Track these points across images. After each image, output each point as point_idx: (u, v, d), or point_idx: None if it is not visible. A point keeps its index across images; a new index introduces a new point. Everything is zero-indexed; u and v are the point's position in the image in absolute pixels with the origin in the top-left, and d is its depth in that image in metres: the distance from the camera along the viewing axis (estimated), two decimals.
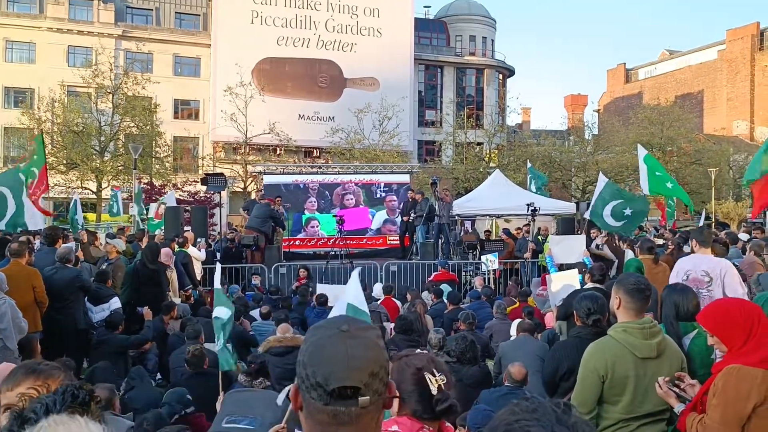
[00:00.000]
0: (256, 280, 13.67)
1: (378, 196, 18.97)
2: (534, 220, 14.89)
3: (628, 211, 12.08)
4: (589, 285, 6.44)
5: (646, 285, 3.68)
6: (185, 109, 43.74)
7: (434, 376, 2.18)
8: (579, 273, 7.74)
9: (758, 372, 2.97)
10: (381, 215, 18.92)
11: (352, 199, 18.85)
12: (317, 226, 18.73)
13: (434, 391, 2.16)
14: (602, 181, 12.91)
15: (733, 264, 6.51)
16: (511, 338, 7.58)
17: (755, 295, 5.83)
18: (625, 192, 13.72)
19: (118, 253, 10.66)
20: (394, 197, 18.83)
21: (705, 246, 6.16)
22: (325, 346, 1.45)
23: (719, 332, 3.13)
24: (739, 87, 58.80)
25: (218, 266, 5.90)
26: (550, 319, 7.90)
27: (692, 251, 6.37)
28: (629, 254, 10.54)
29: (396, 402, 2.49)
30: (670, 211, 19.50)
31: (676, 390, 3.30)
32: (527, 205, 15.30)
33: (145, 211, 18.70)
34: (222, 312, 5.44)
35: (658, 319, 4.10)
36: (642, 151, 13.73)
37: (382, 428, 1.55)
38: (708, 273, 5.85)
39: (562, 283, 8.07)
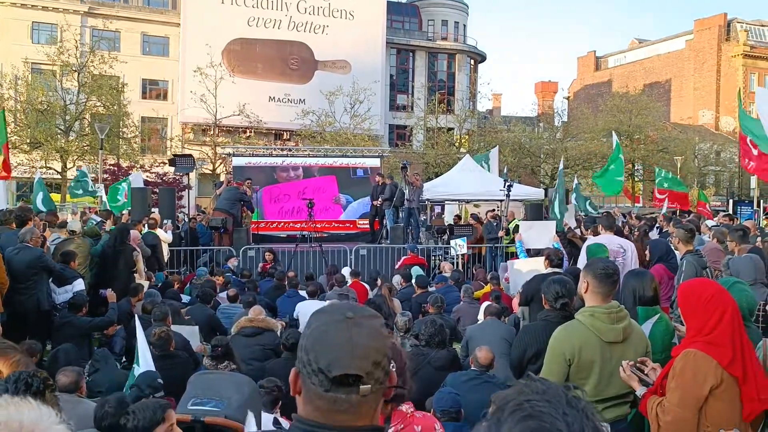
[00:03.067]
0: (232, 263, 13.46)
1: (355, 176, 18.71)
2: (508, 196, 15.03)
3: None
4: (549, 270, 6.50)
5: (614, 270, 3.72)
6: (153, 89, 43.02)
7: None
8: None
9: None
10: (361, 204, 18.65)
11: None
12: None
13: None
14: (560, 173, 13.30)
15: (697, 250, 6.70)
16: (479, 322, 7.63)
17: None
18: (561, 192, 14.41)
19: (67, 233, 10.36)
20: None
21: (610, 230, 7.46)
22: (329, 332, 1.43)
23: (685, 312, 3.18)
24: (706, 77, 59.70)
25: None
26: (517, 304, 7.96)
27: (598, 234, 7.65)
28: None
29: None
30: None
31: (639, 374, 3.35)
32: (504, 180, 15.37)
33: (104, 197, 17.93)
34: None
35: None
36: (615, 139, 14.11)
37: (379, 418, 1.54)
38: (621, 246, 7.05)
39: (525, 270, 8.15)
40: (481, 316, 7.79)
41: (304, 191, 18.00)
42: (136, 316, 5.96)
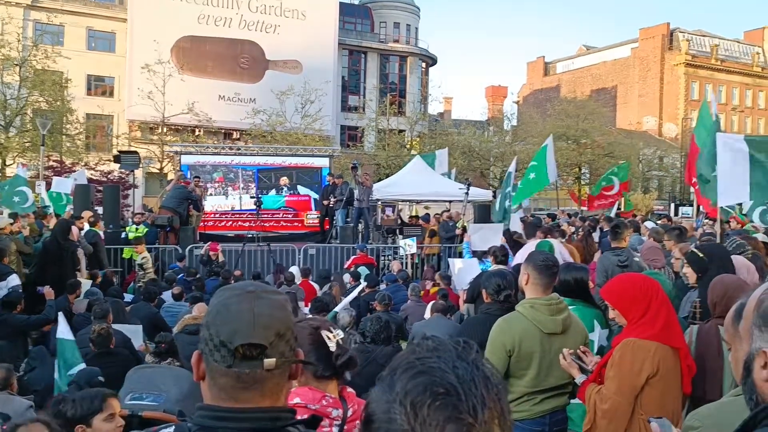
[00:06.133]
0: (180, 264, 13.16)
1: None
2: (467, 194, 15.23)
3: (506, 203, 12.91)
4: (494, 267, 6.58)
5: (554, 262, 3.78)
6: (99, 86, 41.99)
7: (331, 332, 2.17)
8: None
9: (652, 345, 3.11)
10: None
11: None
12: None
13: (333, 347, 2.15)
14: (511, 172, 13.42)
15: (635, 249, 6.92)
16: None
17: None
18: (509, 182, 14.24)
19: None
20: None
21: (532, 236, 8.28)
22: (231, 305, 1.40)
23: (619, 306, 3.26)
24: (650, 84, 61.36)
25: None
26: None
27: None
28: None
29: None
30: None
31: (579, 362, 3.41)
32: (465, 179, 15.49)
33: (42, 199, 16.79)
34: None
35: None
36: (550, 143, 14.16)
37: (287, 398, 1.51)
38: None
39: (465, 268, 8.26)
40: (428, 314, 7.85)
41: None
42: (60, 316, 5.80)
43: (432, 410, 0.98)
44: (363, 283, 8.95)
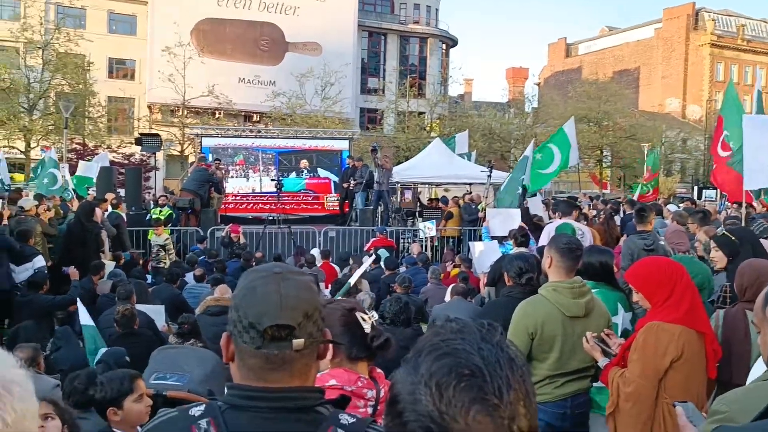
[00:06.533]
0: (201, 246, 13.25)
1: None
2: (490, 177, 15.16)
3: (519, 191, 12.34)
4: (515, 250, 6.56)
5: (577, 245, 3.76)
6: (120, 69, 42.18)
7: (366, 314, 2.18)
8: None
9: (676, 328, 3.08)
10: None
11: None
12: None
13: (368, 329, 2.17)
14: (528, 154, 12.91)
15: (657, 233, 6.86)
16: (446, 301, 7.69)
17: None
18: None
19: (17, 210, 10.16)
20: None
21: (568, 215, 7.71)
22: (258, 287, 1.42)
23: (644, 289, 3.23)
24: (674, 65, 60.41)
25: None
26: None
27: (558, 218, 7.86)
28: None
29: (330, 351, 2.49)
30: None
31: (602, 345, 3.40)
32: (487, 161, 15.41)
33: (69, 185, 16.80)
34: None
35: None
36: (570, 126, 13.81)
37: (316, 379, 1.53)
38: (580, 229, 7.33)
39: (485, 252, 8.24)
40: (448, 297, 7.85)
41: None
42: (79, 303, 5.87)
43: (457, 391, 0.99)
44: (372, 257, 8.98)
